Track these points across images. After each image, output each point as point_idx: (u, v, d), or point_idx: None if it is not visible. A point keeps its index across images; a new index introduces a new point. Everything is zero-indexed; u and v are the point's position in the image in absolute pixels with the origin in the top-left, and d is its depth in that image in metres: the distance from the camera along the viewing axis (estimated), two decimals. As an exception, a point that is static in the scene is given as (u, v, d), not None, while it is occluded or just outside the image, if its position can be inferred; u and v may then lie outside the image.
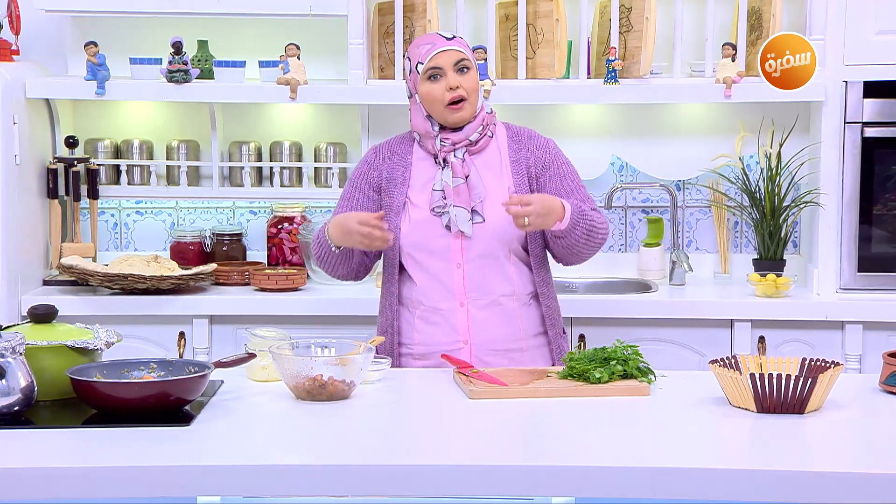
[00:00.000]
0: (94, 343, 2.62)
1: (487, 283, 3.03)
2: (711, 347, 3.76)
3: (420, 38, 3.10)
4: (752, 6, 4.00)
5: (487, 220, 3.01)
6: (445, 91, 2.98)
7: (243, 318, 3.82)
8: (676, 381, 2.81)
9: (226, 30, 4.19)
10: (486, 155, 3.07)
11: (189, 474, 2.20)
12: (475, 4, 4.08)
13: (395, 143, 3.15)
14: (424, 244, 3.03)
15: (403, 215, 3.05)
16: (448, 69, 2.99)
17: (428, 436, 2.44)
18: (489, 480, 2.20)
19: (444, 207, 3.01)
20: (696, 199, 4.26)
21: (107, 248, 4.30)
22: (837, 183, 3.85)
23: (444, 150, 3.03)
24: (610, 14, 3.97)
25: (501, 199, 2.98)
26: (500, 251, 3.03)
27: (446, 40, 3.03)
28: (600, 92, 3.93)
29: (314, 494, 2.22)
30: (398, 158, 3.10)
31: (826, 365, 2.62)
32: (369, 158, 3.14)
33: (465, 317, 3.03)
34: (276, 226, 4.20)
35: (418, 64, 3.02)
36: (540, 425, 2.53)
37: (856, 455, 2.34)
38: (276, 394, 2.67)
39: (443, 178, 3.02)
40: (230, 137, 4.25)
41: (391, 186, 3.08)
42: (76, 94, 4.06)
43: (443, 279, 3.03)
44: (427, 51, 3.01)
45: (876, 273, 3.85)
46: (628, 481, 2.19)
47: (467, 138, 3.03)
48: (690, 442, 2.40)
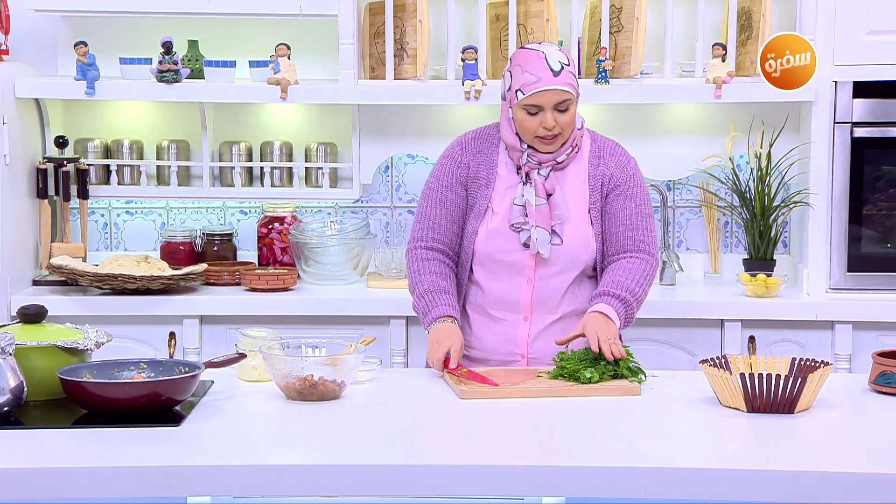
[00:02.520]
0: (83, 343, 2.62)
1: (554, 300, 3.00)
2: (702, 347, 3.77)
3: (527, 57, 2.92)
4: (743, 6, 4.01)
5: (565, 241, 2.97)
6: (540, 126, 2.90)
7: (234, 318, 3.81)
8: (667, 380, 2.81)
9: (216, 30, 4.18)
10: (569, 170, 3.01)
11: (179, 474, 2.20)
12: (466, 4, 4.08)
13: (481, 139, 3.06)
14: (498, 255, 2.99)
15: (482, 221, 3.01)
16: (548, 109, 2.89)
17: (419, 436, 2.44)
18: (480, 480, 2.21)
19: (523, 224, 2.96)
20: (687, 200, 4.27)
21: (97, 248, 4.29)
22: (827, 183, 3.86)
23: (530, 165, 2.97)
24: (600, 14, 3.97)
25: (580, 221, 2.96)
26: (572, 271, 3.00)
27: (553, 76, 2.87)
28: (591, 92, 3.93)
29: (305, 494, 2.22)
30: (483, 157, 3.03)
31: (816, 365, 2.63)
32: (455, 154, 3.06)
33: (526, 331, 3.01)
34: (266, 226, 4.20)
35: (518, 91, 2.91)
36: (531, 425, 2.53)
37: (846, 454, 2.34)
38: (267, 394, 2.67)
39: (524, 195, 2.96)
40: (221, 137, 4.24)
41: (475, 187, 3.02)
42: (66, 94, 4.05)
43: (511, 292, 3.00)
44: (531, 84, 2.88)
45: (866, 273, 3.86)
46: (619, 481, 2.19)
47: (555, 159, 2.97)
48: (681, 442, 2.41)
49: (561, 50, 2.95)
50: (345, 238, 4.04)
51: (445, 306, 2.96)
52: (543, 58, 2.91)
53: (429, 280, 3.00)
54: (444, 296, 2.98)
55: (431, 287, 2.99)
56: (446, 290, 2.99)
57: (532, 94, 2.88)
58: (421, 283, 3.01)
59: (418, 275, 3.03)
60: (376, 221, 4.29)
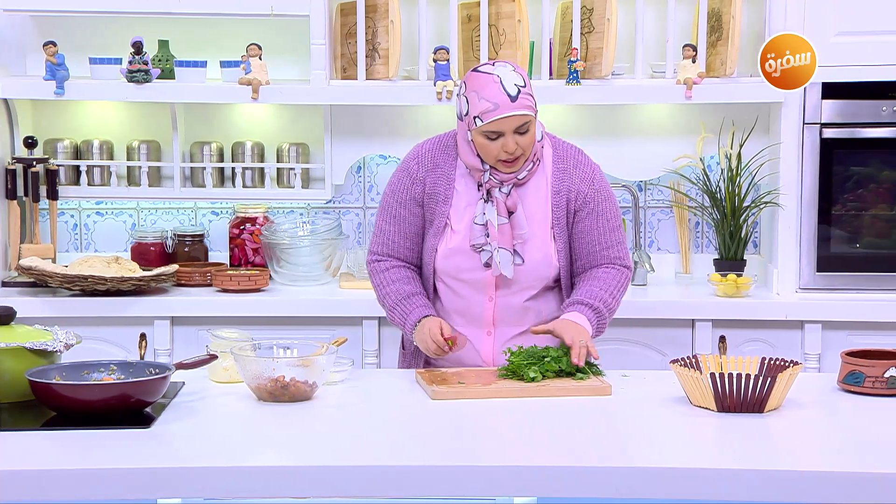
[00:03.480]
0: (53, 345, 2.60)
1: (517, 314, 3.00)
2: (673, 347, 3.78)
3: (482, 82, 2.85)
4: (713, 7, 4.03)
5: (527, 260, 2.95)
6: (501, 150, 2.86)
7: (205, 319, 3.80)
8: (638, 380, 2.82)
9: (187, 29, 4.17)
10: (530, 185, 2.97)
11: (150, 476, 2.19)
12: (437, 5, 4.08)
13: (437, 152, 3.00)
14: (458, 274, 2.98)
15: (441, 238, 2.98)
16: (508, 134, 2.84)
17: (390, 437, 2.43)
18: (452, 480, 2.21)
19: (484, 245, 2.93)
20: (658, 200, 4.29)
21: (66, 249, 4.27)
22: (797, 183, 3.89)
23: (491, 183, 2.92)
24: (572, 15, 3.98)
25: (542, 239, 2.93)
26: (534, 288, 2.99)
27: (510, 101, 2.82)
28: (562, 93, 3.94)
29: (276, 496, 2.21)
30: (440, 172, 2.98)
31: (785, 364, 2.64)
32: (411, 169, 3.00)
33: (490, 345, 3.01)
34: (238, 226, 4.18)
35: (476, 118, 2.85)
36: (502, 426, 2.53)
37: (815, 453, 2.36)
38: (239, 395, 2.66)
39: (485, 213, 2.92)
40: (192, 138, 4.22)
41: (432, 203, 2.98)
42: (35, 94, 4.02)
43: (473, 309, 2.99)
44: (489, 111, 2.82)
45: (835, 273, 3.89)
46: (590, 481, 2.20)
47: (516, 177, 2.93)
48: (652, 441, 2.41)
49: (516, 70, 2.89)
50: (317, 239, 4.03)
51: (420, 307, 2.96)
52: (499, 82, 2.84)
53: (395, 290, 2.99)
54: (415, 298, 2.98)
55: (399, 295, 2.98)
56: (414, 292, 2.99)
57: (490, 121, 2.84)
58: (388, 296, 3.00)
59: (382, 287, 3.02)
60: (349, 222, 4.28)
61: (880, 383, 2.67)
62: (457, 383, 2.73)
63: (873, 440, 2.39)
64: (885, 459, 2.27)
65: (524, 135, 2.87)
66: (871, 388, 2.67)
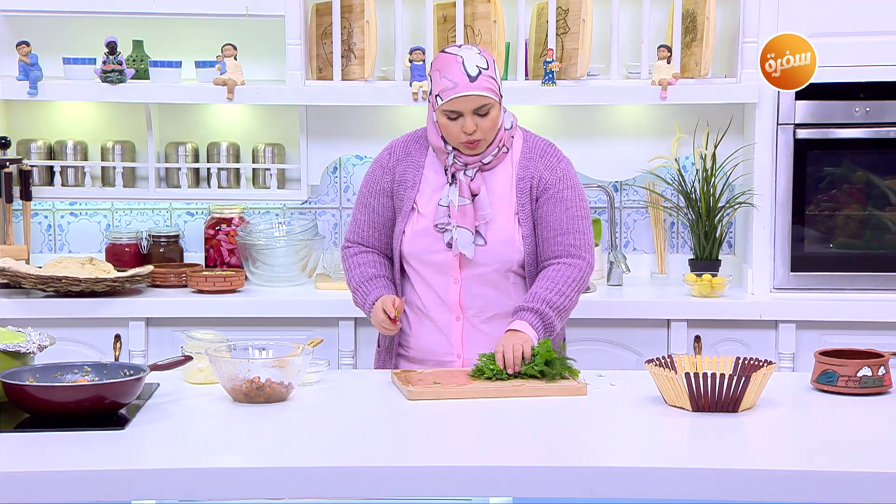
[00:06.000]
0: (26, 346, 2.59)
1: (484, 300, 3.02)
2: (648, 347, 3.79)
3: (446, 62, 2.92)
4: (687, 9, 4.04)
5: (489, 242, 2.98)
6: (461, 131, 2.92)
7: (180, 320, 3.78)
8: (613, 380, 2.83)
9: (161, 30, 4.15)
10: (497, 171, 3.02)
11: (124, 478, 2.18)
12: (413, 5, 4.08)
13: (410, 142, 3.08)
14: (423, 256, 3.02)
15: (408, 221, 3.02)
16: (467, 114, 2.90)
17: (366, 437, 2.43)
18: (427, 481, 2.21)
19: (447, 225, 2.97)
20: (634, 200, 4.30)
21: (40, 250, 4.25)
22: (771, 184, 3.91)
23: (455, 167, 2.98)
24: (547, 16, 3.99)
25: (506, 222, 2.96)
26: (497, 271, 3.01)
27: (469, 81, 2.88)
28: (538, 93, 3.95)
29: (251, 497, 2.20)
30: (411, 160, 3.05)
31: (759, 364, 2.65)
32: (383, 160, 3.09)
33: (459, 331, 3.02)
34: (213, 227, 4.17)
35: (437, 96, 2.93)
36: (478, 426, 2.54)
37: (789, 452, 2.37)
38: (214, 396, 2.66)
39: (449, 195, 2.97)
40: (167, 138, 4.21)
41: (402, 189, 3.04)
42: (8, 94, 4.00)
43: (440, 292, 3.02)
44: (448, 90, 2.89)
45: (808, 273, 3.91)
46: (566, 481, 2.20)
47: (481, 161, 2.98)
48: (627, 441, 2.42)
49: (481, 53, 2.94)
50: (293, 239, 4.02)
51: (379, 289, 3.03)
52: (461, 62, 2.91)
53: (359, 273, 3.07)
54: (376, 280, 3.05)
55: (362, 277, 3.06)
56: (377, 275, 3.06)
57: (449, 100, 2.90)
58: (353, 279, 3.09)
59: (349, 271, 3.11)
60: (324, 223, 4.28)
61: (853, 383, 2.68)
62: (432, 383, 2.73)
63: (846, 439, 2.41)
64: (857, 458, 2.28)
65: (484, 117, 2.92)
66: (845, 387, 2.69)
